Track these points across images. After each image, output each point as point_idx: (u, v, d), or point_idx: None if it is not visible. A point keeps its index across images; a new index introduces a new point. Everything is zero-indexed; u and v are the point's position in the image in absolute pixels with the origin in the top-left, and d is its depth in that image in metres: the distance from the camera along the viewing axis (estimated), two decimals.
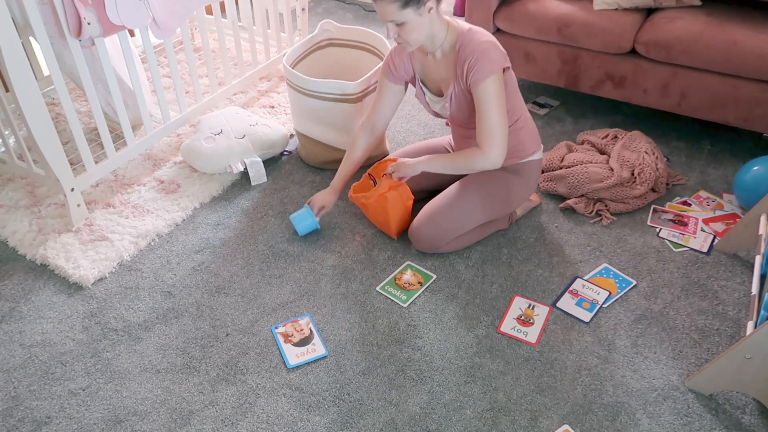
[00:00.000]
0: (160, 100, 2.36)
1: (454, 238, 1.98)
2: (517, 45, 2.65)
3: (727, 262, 2.00)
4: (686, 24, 2.35)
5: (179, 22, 2.28)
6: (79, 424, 1.58)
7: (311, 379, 1.68)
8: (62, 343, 1.78)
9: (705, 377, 1.59)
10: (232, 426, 1.57)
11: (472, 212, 1.95)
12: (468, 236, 2.02)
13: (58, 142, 1.97)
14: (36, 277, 1.99)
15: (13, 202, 2.26)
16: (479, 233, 2.05)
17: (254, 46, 2.81)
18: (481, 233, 2.06)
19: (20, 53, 1.76)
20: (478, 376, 1.67)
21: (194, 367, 1.71)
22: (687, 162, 2.44)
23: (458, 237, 1.99)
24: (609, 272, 1.97)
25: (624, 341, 1.76)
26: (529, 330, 1.79)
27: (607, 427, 1.55)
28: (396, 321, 1.83)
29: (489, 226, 2.07)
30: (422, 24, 1.72)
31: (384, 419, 1.58)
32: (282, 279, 1.97)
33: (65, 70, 2.14)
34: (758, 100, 2.27)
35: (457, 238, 1.99)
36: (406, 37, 1.75)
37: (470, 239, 2.04)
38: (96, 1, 1.91)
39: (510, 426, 1.56)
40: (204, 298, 1.91)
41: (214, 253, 2.07)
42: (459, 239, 2.00)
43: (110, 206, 2.24)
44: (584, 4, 2.54)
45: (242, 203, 2.29)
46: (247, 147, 2.37)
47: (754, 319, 1.56)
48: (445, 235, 1.95)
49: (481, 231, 2.05)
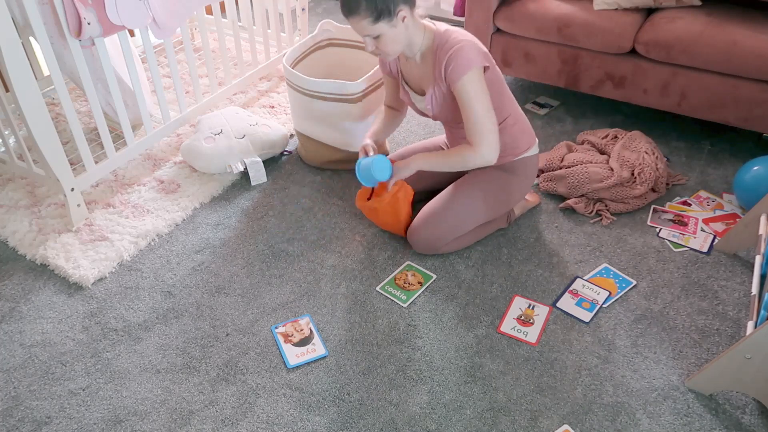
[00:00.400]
0: (160, 100, 2.36)
1: (454, 239, 1.98)
2: (517, 45, 2.65)
3: (727, 262, 2.00)
4: (686, 24, 2.35)
5: (179, 22, 2.28)
6: (79, 424, 1.58)
7: (311, 379, 1.68)
8: (62, 343, 1.78)
9: (705, 377, 1.59)
10: (232, 426, 1.57)
11: (470, 213, 1.95)
12: (468, 237, 2.02)
13: (58, 142, 1.97)
14: (36, 277, 1.99)
15: (13, 202, 2.26)
16: (478, 233, 2.05)
17: (254, 46, 2.81)
18: (481, 233, 2.06)
19: (20, 53, 1.76)
20: (478, 376, 1.67)
21: (194, 367, 1.71)
22: (687, 162, 2.44)
23: (458, 238, 1.99)
24: (609, 272, 1.97)
25: (624, 341, 1.76)
26: (529, 330, 1.79)
27: (607, 427, 1.55)
28: (396, 321, 1.83)
29: (488, 226, 2.07)
30: (398, 34, 1.74)
31: (384, 419, 1.58)
32: (282, 279, 1.97)
33: (65, 70, 2.14)
34: (758, 100, 2.27)
35: (457, 238, 1.99)
36: (384, 48, 1.76)
37: (470, 239, 2.04)
38: (96, 1, 1.91)
39: (510, 426, 1.56)
40: (204, 298, 1.91)
41: (214, 253, 2.07)
42: (459, 240, 2.00)
43: (110, 206, 2.24)
44: (584, 4, 2.54)
45: (242, 203, 2.29)
46: (247, 147, 2.37)
47: (754, 319, 1.56)
48: (444, 237, 1.95)
49: (480, 231, 2.05)
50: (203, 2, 2.38)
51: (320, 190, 2.35)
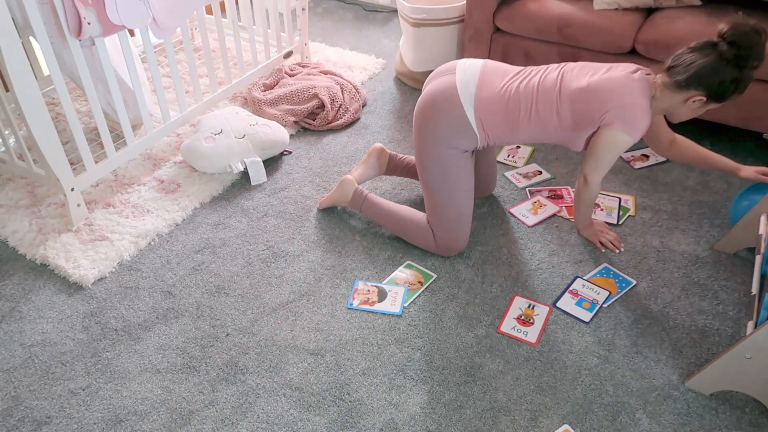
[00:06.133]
0: (160, 99, 2.36)
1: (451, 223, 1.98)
2: (517, 45, 2.65)
3: (727, 262, 2.00)
4: (686, 24, 2.35)
5: (179, 22, 2.28)
6: (79, 423, 1.58)
7: (311, 379, 1.68)
8: (62, 343, 1.78)
9: (705, 377, 1.59)
10: (232, 426, 1.57)
11: (447, 198, 1.94)
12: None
13: (58, 142, 1.97)
14: (36, 277, 1.99)
15: (13, 202, 2.26)
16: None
17: (254, 46, 2.80)
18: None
19: (20, 53, 1.76)
20: (478, 376, 1.67)
21: (194, 367, 1.71)
22: None
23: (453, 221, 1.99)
24: (609, 272, 1.97)
25: (624, 341, 1.76)
26: (529, 330, 1.79)
27: (607, 427, 1.55)
28: (396, 321, 1.83)
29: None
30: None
31: (384, 419, 1.58)
32: (282, 279, 1.97)
33: (65, 70, 2.14)
34: (758, 100, 2.27)
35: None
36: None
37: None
38: (96, 1, 1.91)
39: (510, 426, 1.56)
40: (204, 298, 1.91)
41: (214, 253, 2.07)
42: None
43: (110, 206, 2.24)
44: (584, 4, 2.54)
45: (242, 203, 2.29)
46: (247, 147, 2.37)
47: (754, 319, 1.56)
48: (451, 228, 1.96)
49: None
50: (203, 2, 2.38)
51: (320, 190, 2.35)
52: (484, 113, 1.82)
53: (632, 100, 1.73)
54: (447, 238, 1.97)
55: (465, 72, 1.87)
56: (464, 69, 1.87)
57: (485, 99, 1.82)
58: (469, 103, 1.82)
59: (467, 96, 1.82)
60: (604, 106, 1.73)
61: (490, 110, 1.82)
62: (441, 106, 1.84)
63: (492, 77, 1.85)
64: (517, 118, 1.82)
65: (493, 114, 1.82)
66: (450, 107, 1.83)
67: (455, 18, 2.78)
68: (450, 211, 1.93)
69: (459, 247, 1.99)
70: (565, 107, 1.78)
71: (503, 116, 1.82)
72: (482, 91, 1.83)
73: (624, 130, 1.74)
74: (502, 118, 1.82)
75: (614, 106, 1.73)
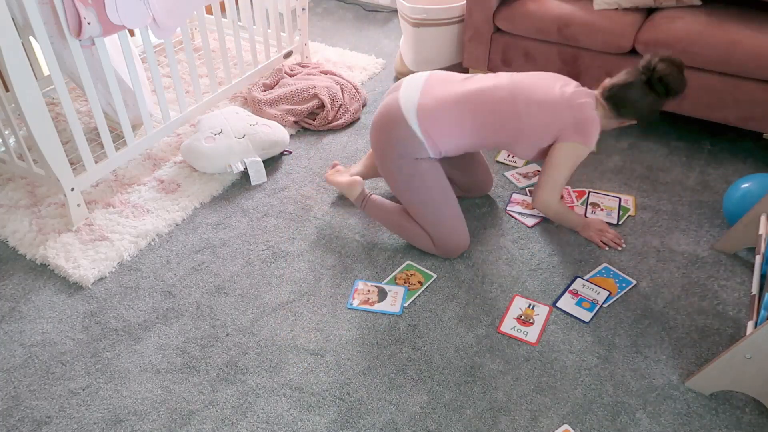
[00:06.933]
0: (160, 99, 2.36)
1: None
2: (517, 45, 2.65)
3: (727, 262, 2.00)
4: (686, 24, 2.35)
5: (179, 22, 2.28)
6: (79, 423, 1.58)
7: (311, 379, 1.68)
8: (62, 343, 1.78)
9: (705, 377, 1.59)
10: (232, 426, 1.57)
11: (421, 204, 1.95)
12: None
13: (58, 142, 1.97)
14: (36, 276, 1.99)
15: (13, 202, 2.26)
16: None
17: (254, 46, 2.80)
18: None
19: (20, 53, 1.76)
20: (478, 376, 1.67)
21: (194, 367, 1.71)
22: (687, 162, 2.44)
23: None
24: (609, 272, 1.97)
25: (624, 341, 1.76)
26: (529, 330, 1.79)
27: (607, 427, 1.55)
28: (396, 321, 1.83)
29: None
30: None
31: (384, 419, 1.58)
32: (282, 279, 1.97)
33: (65, 70, 2.14)
34: (758, 100, 2.27)
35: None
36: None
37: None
38: (96, 1, 1.91)
39: (510, 426, 1.56)
40: (204, 298, 1.91)
41: (214, 253, 2.07)
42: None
43: (110, 206, 2.24)
44: (584, 4, 2.54)
45: (242, 203, 2.29)
46: (247, 147, 2.37)
47: (754, 319, 1.56)
48: (440, 231, 1.96)
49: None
50: (203, 2, 2.38)
51: (320, 190, 2.35)
52: (429, 123, 1.86)
53: (588, 114, 1.89)
54: (442, 240, 1.98)
55: (408, 87, 1.93)
56: (408, 83, 1.94)
57: (429, 108, 1.87)
58: (413, 116, 1.86)
59: (411, 110, 1.87)
60: (561, 121, 1.89)
61: (434, 118, 1.86)
62: (388, 126, 1.90)
63: (435, 86, 1.92)
64: (462, 125, 1.88)
65: (438, 123, 1.86)
66: (395, 125, 1.88)
67: (455, 18, 2.79)
68: (431, 217, 1.95)
69: (457, 247, 1.99)
70: (522, 118, 1.88)
71: (447, 124, 1.87)
72: (425, 100, 1.88)
73: (582, 142, 1.89)
74: (447, 127, 1.87)
75: (571, 121, 1.88)
